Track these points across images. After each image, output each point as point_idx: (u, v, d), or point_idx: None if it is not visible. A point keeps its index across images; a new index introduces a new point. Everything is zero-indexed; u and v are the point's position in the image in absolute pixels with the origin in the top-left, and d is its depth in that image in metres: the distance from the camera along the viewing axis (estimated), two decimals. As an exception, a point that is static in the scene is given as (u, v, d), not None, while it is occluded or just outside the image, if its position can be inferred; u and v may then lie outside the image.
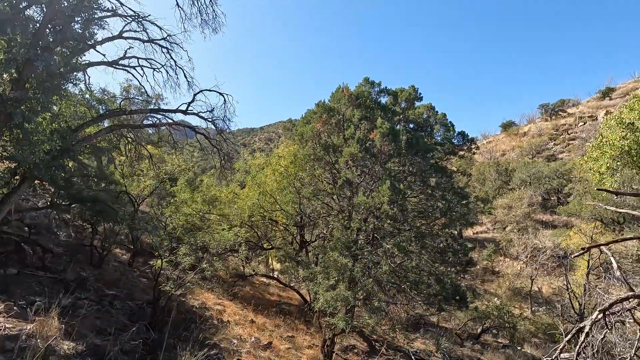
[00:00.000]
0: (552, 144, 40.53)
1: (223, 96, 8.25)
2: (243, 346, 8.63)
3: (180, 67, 8.21)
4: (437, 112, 18.95)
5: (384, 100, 15.79)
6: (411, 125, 16.62)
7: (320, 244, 13.17)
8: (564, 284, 16.35)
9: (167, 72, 8.46)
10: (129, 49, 8.18)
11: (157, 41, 8.06)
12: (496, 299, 20.47)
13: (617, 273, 4.21)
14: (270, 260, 19.63)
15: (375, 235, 10.84)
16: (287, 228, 13.10)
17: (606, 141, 15.34)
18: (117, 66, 8.08)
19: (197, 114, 8.19)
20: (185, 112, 8.19)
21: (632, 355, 4.00)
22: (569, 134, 40.57)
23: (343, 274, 9.18)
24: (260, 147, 76.59)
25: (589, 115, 41.58)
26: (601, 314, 3.66)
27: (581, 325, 3.91)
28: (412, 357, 7.60)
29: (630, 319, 4.19)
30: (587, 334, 3.62)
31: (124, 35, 7.84)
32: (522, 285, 22.38)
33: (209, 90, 7.93)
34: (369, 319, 8.11)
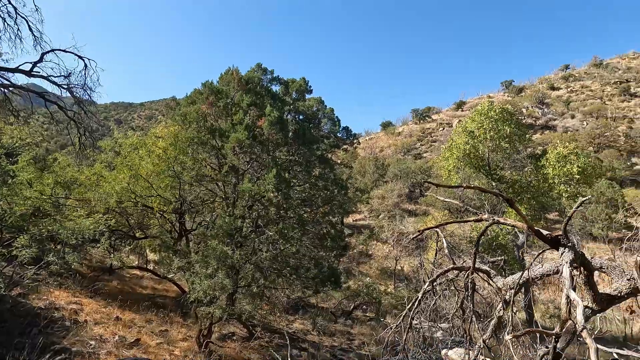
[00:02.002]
0: (419, 144, 47.26)
1: (83, 60, 7.00)
2: (103, 347, 7.70)
3: (22, 16, 6.62)
4: (326, 106, 20.03)
5: (275, 88, 15.88)
6: (301, 117, 17.18)
7: (202, 232, 12.58)
8: (419, 262, 19.41)
9: (4, 20, 6.73)
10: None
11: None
12: (368, 278, 23.08)
13: (446, 250, 5.21)
14: (146, 250, 17.86)
15: (259, 222, 10.93)
16: (164, 215, 12.08)
17: (454, 145, 18.74)
18: None
19: (46, 78, 6.77)
20: (29, 74, 6.68)
21: (453, 314, 5.01)
22: (432, 137, 47.89)
23: (223, 261, 8.99)
24: (140, 125, 68.17)
25: (447, 122, 49.80)
26: (430, 285, 4.51)
27: (418, 295, 4.73)
28: (287, 337, 8.03)
29: (452, 287, 5.25)
30: (420, 301, 4.43)
31: None
32: (388, 265, 25.69)
33: (64, 51, 6.61)
34: (247, 305, 8.18)
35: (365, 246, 27.86)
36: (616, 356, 9.08)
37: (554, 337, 2.70)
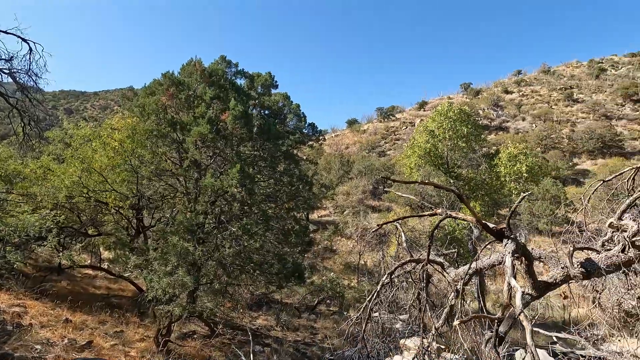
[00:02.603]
0: (384, 142, 48.42)
1: (27, 43, 6.44)
2: (51, 351, 7.24)
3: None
4: (292, 101, 19.94)
5: (240, 82, 15.55)
6: (266, 112, 17.00)
7: (162, 228, 12.13)
8: (381, 257, 19.98)
9: None
10: None
11: None
12: (332, 273, 23.40)
13: (404, 244, 5.43)
14: (99, 248, 16.90)
15: (222, 218, 10.72)
16: (120, 211, 11.51)
17: (416, 143, 19.44)
18: None
19: (-17, 61, 6.17)
20: (-38, 56, 6.05)
21: (410, 304, 5.24)
22: (395, 135, 49.22)
23: (184, 258, 8.75)
24: (94, 116, 64.02)
25: (410, 121, 51.40)
26: (389, 277, 4.70)
27: (377, 287, 4.90)
28: (249, 334, 8.00)
29: (410, 279, 5.49)
30: (378, 294, 4.60)
31: None
32: (352, 260, 26.20)
33: (4, 32, 6.05)
34: (208, 302, 8.03)
35: (330, 242, 28.18)
36: (555, 339, 9.86)
37: (496, 321, 2.94)
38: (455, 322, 2.89)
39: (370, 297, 4.60)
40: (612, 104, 45.89)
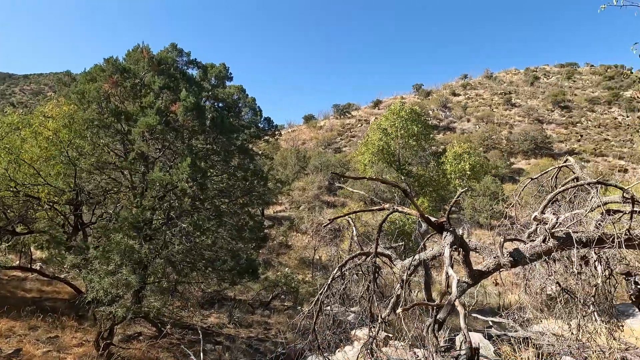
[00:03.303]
0: (340, 138, 49.18)
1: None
2: (-30, 362, 6.51)
3: None
4: (247, 95, 19.54)
5: (192, 72, 14.94)
6: (220, 104, 16.49)
7: (104, 225, 11.33)
8: (335, 251, 20.37)
9: None
10: None
11: None
12: (287, 268, 23.43)
13: (355, 238, 5.61)
14: (30, 248, 15.37)
15: (172, 214, 10.27)
16: (55, 207, 10.57)
17: (369, 141, 20.03)
18: None
19: None
20: None
21: (360, 296, 5.43)
22: (351, 132, 50.20)
23: (129, 257, 8.27)
24: (24, 102, 57.70)
25: (365, 119, 52.67)
26: (339, 270, 4.84)
27: (328, 280, 5.02)
28: (200, 332, 7.79)
29: (360, 271, 5.68)
30: (330, 287, 4.72)
31: None
32: (307, 255, 26.42)
33: None
34: (155, 301, 7.68)
35: (285, 237, 28.16)
36: (491, 323, 10.71)
37: (435, 308, 3.16)
38: (398, 311, 3.07)
39: (321, 290, 4.71)
40: (543, 109, 50.61)
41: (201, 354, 6.77)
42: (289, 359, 5.12)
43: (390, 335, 7.26)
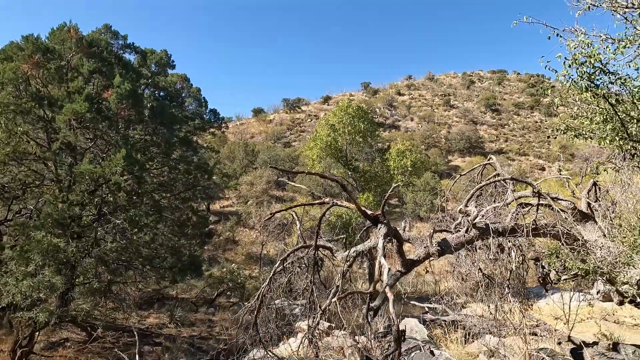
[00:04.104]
0: (289, 133, 49.01)
1: None
2: None
3: None
4: (191, 84, 18.67)
5: (129, 57, 13.90)
6: (161, 93, 15.56)
7: (23, 222, 10.18)
8: (283, 246, 20.37)
9: None
10: None
11: None
12: (233, 264, 22.96)
13: (298, 231, 5.70)
14: None
15: (105, 209, 9.54)
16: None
17: (318, 136, 20.24)
18: None
19: None
20: None
21: (310, 290, 5.53)
22: (301, 127, 50.27)
23: (53, 256, 7.54)
24: None
25: (315, 114, 53.03)
26: (281, 264, 4.90)
27: (270, 274, 5.05)
28: (135, 334, 7.35)
29: (303, 264, 5.78)
30: (271, 280, 4.76)
31: None
32: (255, 251, 26.11)
33: None
34: (84, 304, 7.12)
35: (232, 233, 27.53)
36: (426, 308, 11.44)
37: (368, 295, 3.36)
38: (333, 300, 3.21)
39: (264, 284, 4.73)
40: (477, 111, 54.99)
41: (137, 357, 6.42)
42: (230, 355, 5.07)
43: (334, 325, 7.50)
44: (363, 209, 3.73)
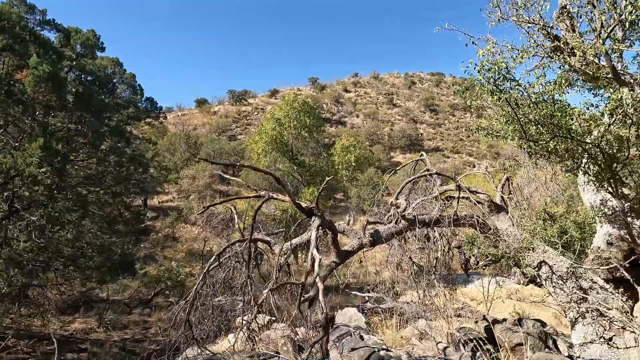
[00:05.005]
0: (235, 125, 47.65)
1: None
2: None
3: None
4: (125, 70, 17.28)
5: (49, 36, 12.45)
6: (89, 78, 14.17)
7: None
8: (226, 241, 19.91)
9: None
10: None
11: None
12: (173, 262, 21.87)
13: (236, 226, 5.60)
14: None
15: (17, 205, 8.49)
16: None
17: (263, 130, 19.98)
18: None
19: None
20: None
21: (245, 283, 5.45)
22: (247, 120, 49.12)
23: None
24: None
25: (262, 107, 52.15)
26: (217, 259, 4.79)
27: (204, 270, 4.91)
28: (54, 340, 6.68)
29: (242, 259, 5.71)
30: (207, 276, 4.64)
31: None
32: (197, 247, 25.12)
33: None
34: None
35: (172, 229, 26.18)
36: (367, 298, 11.94)
37: (301, 286, 3.43)
38: (265, 292, 3.23)
39: (198, 280, 4.59)
40: (417, 111, 58.20)
41: (56, 365, 5.87)
42: (162, 354, 4.86)
43: (274, 318, 7.53)
44: (297, 202, 3.79)
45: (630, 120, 2.63)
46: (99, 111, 10.79)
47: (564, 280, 4.41)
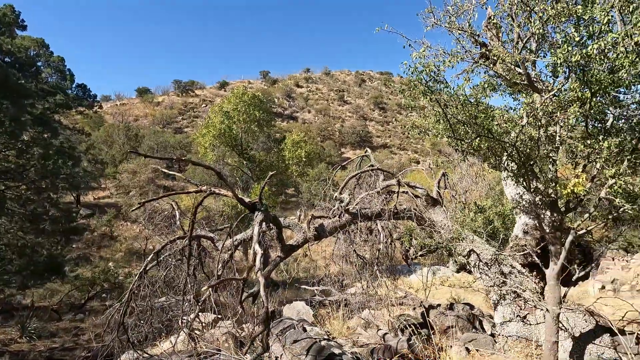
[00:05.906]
0: (181, 118, 45.34)
1: None
2: None
3: None
4: (51, 52, 15.61)
5: (-46, 7, 10.81)
6: (6, 59, 12.56)
7: None
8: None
9: None
10: None
11: None
12: (111, 263, 20.35)
13: (178, 222, 5.37)
14: None
15: None
16: None
17: (211, 123, 19.28)
18: None
19: None
20: None
21: (184, 281, 5.25)
22: (194, 112, 46.97)
23: None
24: None
25: (210, 99, 50.19)
26: (156, 257, 4.57)
27: (140, 270, 4.66)
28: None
29: (183, 256, 5.49)
30: (142, 275, 4.40)
31: None
32: (139, 246, 23.62)
33: None
34: None
35: (109, 227, 24.35)
36: (316, 291, 12.00)
37: (242, 281, 3.40)
38: (203, 289, 3.15)
39: (135, 280, 4.34)
40: (367, 108, 59.89)
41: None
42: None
43: (221, 316, 7.36)
44: (240, 196, 3.73)
45: (539, 123, 2.99)
46: (19, 97, 9.65)
47: (489, 267, 4.86)
